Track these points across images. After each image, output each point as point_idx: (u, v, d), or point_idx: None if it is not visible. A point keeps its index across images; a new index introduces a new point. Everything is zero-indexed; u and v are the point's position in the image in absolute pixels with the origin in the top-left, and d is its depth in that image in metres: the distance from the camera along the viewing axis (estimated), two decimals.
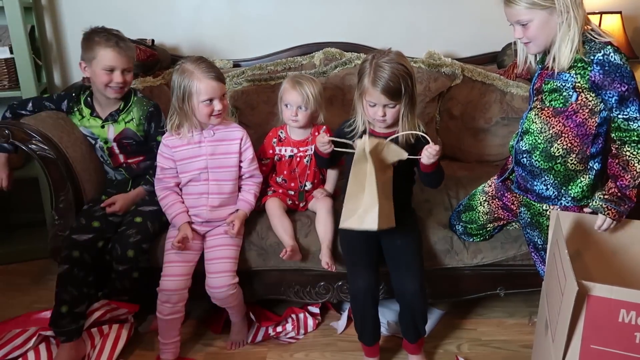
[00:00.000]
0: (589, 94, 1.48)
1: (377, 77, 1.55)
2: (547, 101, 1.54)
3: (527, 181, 1.65)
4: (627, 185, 1.46)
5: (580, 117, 1.50)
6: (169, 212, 1.77)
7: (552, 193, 1.60)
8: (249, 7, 2.47)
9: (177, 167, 1.78)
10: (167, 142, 1.78)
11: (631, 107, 1.43)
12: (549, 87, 1.53)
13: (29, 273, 2.32)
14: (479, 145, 2.31)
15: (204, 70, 1.68)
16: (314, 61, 2.38)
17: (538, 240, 1.68)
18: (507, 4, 1.49)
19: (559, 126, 1.53)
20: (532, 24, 1.47)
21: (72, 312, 1.69)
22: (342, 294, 1.88)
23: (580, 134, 1.52)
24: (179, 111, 1.73)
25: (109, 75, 1.81)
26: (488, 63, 2.49)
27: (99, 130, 1.92)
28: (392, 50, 1.63)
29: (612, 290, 1.14)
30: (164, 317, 1.71)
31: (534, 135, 1.58)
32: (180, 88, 1.69)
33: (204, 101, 1.69)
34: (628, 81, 1.42)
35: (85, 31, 1.85)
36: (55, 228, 1.86)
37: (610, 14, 2.38)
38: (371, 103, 1.60)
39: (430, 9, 2.49)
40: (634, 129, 1.45)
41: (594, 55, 1.42)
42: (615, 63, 1.41)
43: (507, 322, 2.00)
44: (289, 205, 1.91)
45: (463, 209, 1.83)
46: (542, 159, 1.57)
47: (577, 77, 1.46)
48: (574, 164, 1.55)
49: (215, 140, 1.78)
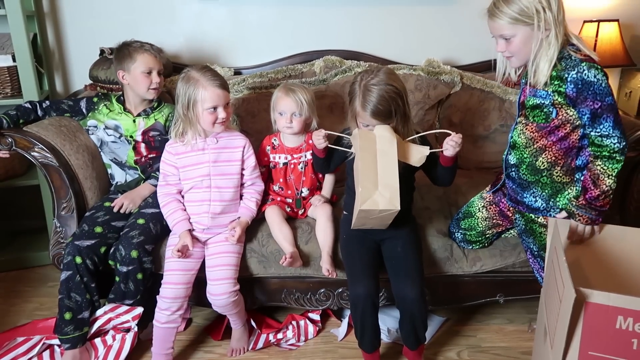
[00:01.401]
0: (568, 109, 1.49)
1: (366, 101, 1.54)
2: (530, 117, 1.57)
3: (517, 193, 1.67)
4: (595, 198, 1.49)
5: (562, 131, 1.52)
6: (170, 219, 1.79)
7: (541, 205, 1.62)
8: (249, 15, 2.49)
9: (180, 174, 1.80)
10: (171, 149, 1.80)
11: (604, 124, 1.44)
12: (531, 103, 1.55)
13: (30, 280, 2.33)
14: (478, 152, 2.32)
15: (209, 78, 1.71)
16: (314, 69, 2.40)
17: (533, 247, 1.70)
18: (491, 18, 1.51)
19: (543, 141, 1.55)
20: (515, 38, 1.49)
21: (76, 318, 1.71)
22: (343, 300, 1.89)
23: (564, 147, 1.54)
24: (184, 118, 1.75)
25: (148, 78, 1.91)
26: (487, 70, 2.50)
27: (129, 123, 1.97)
28: (381, 68, 1.60)
29: (609, 297, 1.15)
30: (161, 325, 1.71)
31: (520, 150, 1.60)
32: (185, 95, 1.72)
33: (208, 109, 1.71)
34: (601, 98, 1.42)
35: (115, 46, 1.97)
36: (57, 235, 1.87)
37: (607, 21, 2.40)
38: (364, 124, 1.59)
39: (429, 17, 2.52)
40: (607, 145, 1.46)
41: (568, 72, 1.44)
42: (588, 80, 1.42)
43: (507, 329, 2.00)
44: (288, 213, 1.92)
45: (462, 216, 1.84)
46: (529, 172, 1.60)
47: (554, 95, 1.48)
48: (560, 176, 1.58)
49: (218, 148, 1.80)
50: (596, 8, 2.50)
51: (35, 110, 1.97)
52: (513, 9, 1.46)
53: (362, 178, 1.47)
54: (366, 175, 1.48)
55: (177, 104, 1.77)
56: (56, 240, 1.87)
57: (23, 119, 1.92)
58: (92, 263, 1.74)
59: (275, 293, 1.89)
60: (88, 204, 1.93)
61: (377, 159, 1.49)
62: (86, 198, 1.92)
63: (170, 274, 1.72)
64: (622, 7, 2.51)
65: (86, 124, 2.01)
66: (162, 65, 1.97)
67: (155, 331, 1.73)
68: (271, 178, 1.97)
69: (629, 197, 1.86)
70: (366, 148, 1.50)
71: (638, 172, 1.84)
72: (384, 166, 1.48)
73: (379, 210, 1.47)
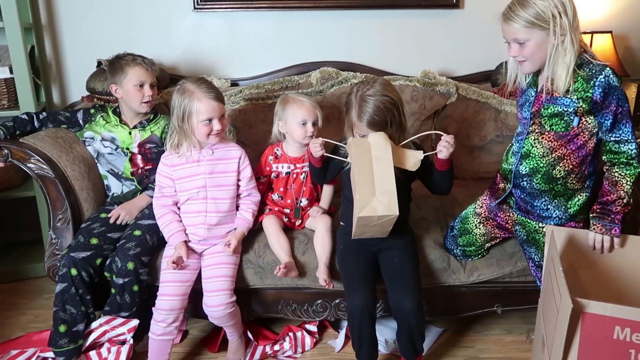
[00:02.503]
0: (588, 117, 1.50)
1: (362, 111, 1.55)
2: (547, 125, 1.55)
3: (527, 202, 1.66)
4: (611, 202, 1.51)
5: (581, 139, 1.53)
6: (166, 231, 1.78)
7: (553, 212, 1.63)
8: (246, 27, 2.51)
9: (176, 185, 1.80)
10: (166, 161, 1.80)
11: (624, 129, 1.48)
12: (549, 111, 1.53)
13: (25, 292, 2.31)
14: (474, 163, 2.33)
15: (204, 90, 1.71)
16: (310, 80, 2.41)
17: (535, 257, 1.70)
18: (506, 22, 1.49)
19: (562, 149, 1.54)
20: (530, 43, 1.48)
21: (71, 331, 1.69)
22: (340, 312, 1.88)
23: (581, 155, 1.54)
24: (179, 130, 1.75)
25: (141, 91, 1.91)
26: (482, 81, 2.52)
27: (125, 135, 1.97)
28: (377, 79, 1.62)
29: (606, 307, 1.15)
30: (157, 337, 1.70)
31: (536, 160, 1.58)
32: (180, 108, 1.72)
33: (203, 121, 1.71)
34: (622, 103, 1.46)
35: (109, 59, 1.98)
36: (53, 247, 1.86)
37: (601, 33, 2.42)
38: (360, 135, 1.60)
39: (424, 29, 2.54)
40: (624, 151, 1.49)
41: (596, 77, 1.44)
42: (614, 85, 1.44)
43: (505, 340, 2.00)
44: (286, 224, 1.91)
45: (458, 232, 1.83)
46: (543, 182, 1.59)
47: (579, 102, 1.47)
48: (573, 184, 1.58)
49: (213, 159, 1.80)
50: (590, 20, 2.52)
51: (32, 121, 1.97)
52: (529, 13, 1.44)
53: (358, 186, 1.47)
54: (363, 182, 1.47)
55: (172, 115, 1.77)
56: (51, 252, 1.86)
57: (20, 130, 1.92)
58: (88, 275, 1.73)
59: (271, 304, 1.88)
60: (84, 216, 1.92)
61: (372, 166, 1.49)
62: (82, 209, 1.92)
63: (166, 285, 1.71)
64: (615, 19, 2.54)
65: (83, 135, 2.01)
66: (154, 78, 1.97)
67: (150, 343, 1.72)
68: (271, 188, 1.97)
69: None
70: (361, 156, 1.50)
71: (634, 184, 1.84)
72: (380, 172, 1.48)
73: (378, 217, 1.46)
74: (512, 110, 2.29)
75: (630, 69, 2.50)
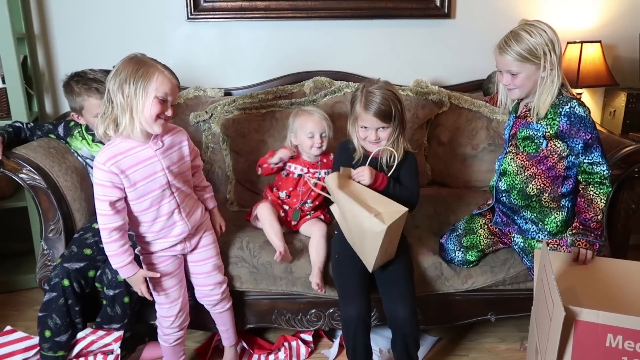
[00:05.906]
0: (557, 141, 1.64)
1: (368, 102, 1.67)
2: (521, 147, 1.70)
3: (508, 216, 1.78)
4: (589, 219, 1.62)
5: (550, 161, 1.66)
6: (117, 260, 1.55)
7: (531, 227, 1.73)
8: (239, 36, 2.52)
9: (132, 192, 1.54)
10: (112, 168, 1.49)
11: (595, 153, 1.60)
12: (523, 134, 1.68)
13: (16, 304, 2.29)
14: (467, 171, 2.34)
15: (163, 66, 1.54)
16: (304, 89, 2.42)
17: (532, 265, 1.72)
18: (501, 54, 1.62)
19: (532, 169, 1.68)
20: (521, 75, 1.61)
21: (53, 340, 1.69)
22: (334, 321, 1.87)
23: (551, 175, 1.67)
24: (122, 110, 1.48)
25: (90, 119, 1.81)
26: (474, 90, 2.54)
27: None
28: (380, 79, 1.75)
29: (598, 314, 1.16)
30: (170, 345, 1.72)
31: (512, 177, 1.72)
32: (132, 79, 1.46)
33: (160, 96, 1.48)
34: (591, 130, 1.59)
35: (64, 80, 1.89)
36: (44, 258, 1.85)
37: (590, 42, 2.45)
38: (364, 127, 1.70)
39: (417, 39, 2.56)
40: (597, 172, 1.61)
41: (562, 107, 1.59)
42: (579, 115, 1.58)
43: (499, 348, 2.00)
44: (281, 218, 1.90)
45: (463, 232, 1.84)
46: (520, 198, 1.71)
47: (547, 127, 1.62)
48: (547, 202, 1.70)
49: (166, 150, 1.60)
50: (579, 29, 2.56)
51: (24, 129, 1.96)
52: (522, 48, 1.57)
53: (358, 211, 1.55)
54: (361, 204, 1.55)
55: (113, 93, 1.48)
56: (43, 262, 1.85)
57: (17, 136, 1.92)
58: (79, 286, 1.72)
59: (265, 314, 1.88)
60: (76, 226, 1.91)
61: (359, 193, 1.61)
62: (74, 220, 1.91)
63: (161, 294, 1.68)
64: (604, 29, 2.57)
65: (71, 146, 1.99)
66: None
67: (165, 352, 1.75)
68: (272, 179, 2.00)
69: (615, 214, 1.89)
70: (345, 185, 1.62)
71: (624, 190, 1.87)
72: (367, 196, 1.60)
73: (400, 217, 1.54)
74: (503, 119, 2.30)
75: (619, 78, 2.53)
